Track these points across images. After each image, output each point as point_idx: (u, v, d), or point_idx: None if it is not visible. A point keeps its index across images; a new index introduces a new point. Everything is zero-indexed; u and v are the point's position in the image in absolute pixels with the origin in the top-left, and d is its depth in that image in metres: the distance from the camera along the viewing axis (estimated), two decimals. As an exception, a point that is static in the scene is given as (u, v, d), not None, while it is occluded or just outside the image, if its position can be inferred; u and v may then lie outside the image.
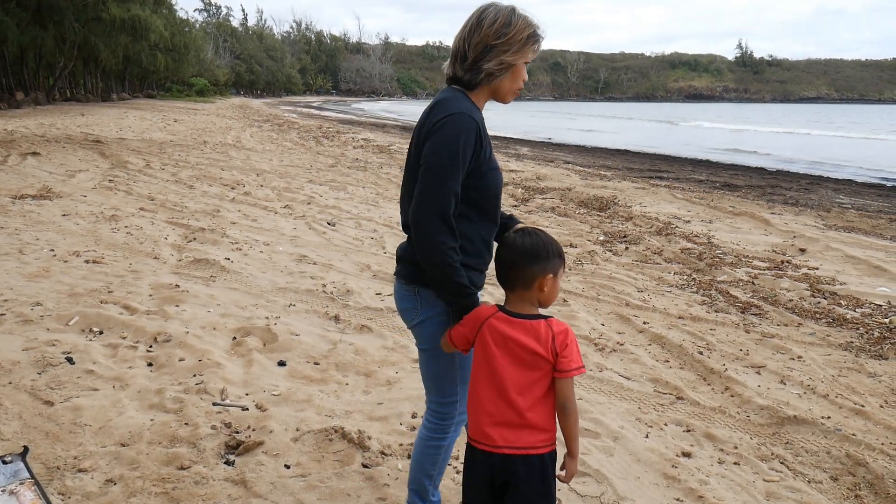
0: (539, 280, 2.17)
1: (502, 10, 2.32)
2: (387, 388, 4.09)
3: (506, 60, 2.32)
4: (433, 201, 2.18)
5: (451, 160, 2.19)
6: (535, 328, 2.15)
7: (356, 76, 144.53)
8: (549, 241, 2.21)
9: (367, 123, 37.99)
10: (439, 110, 2.26)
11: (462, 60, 2.34)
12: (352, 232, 8.52)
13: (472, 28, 2.32)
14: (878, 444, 3.72)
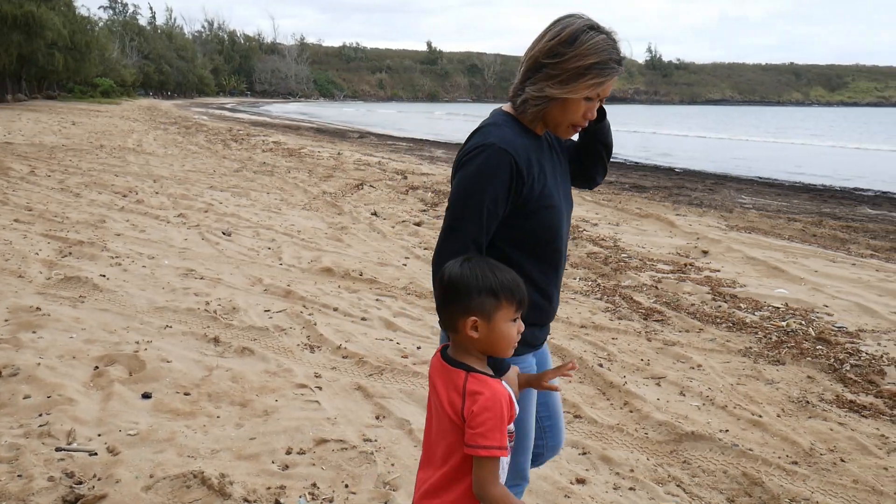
0: (460, 322, 1.75)
1: (574, 24, 1.90)
2: (262, 420, 3.73)
3: (548, 91, 1.91)
4: (446, 247, 1.91)
5: (471, 201, 1.89)
6: (455, 379, 1.76)
7: (271, 77, 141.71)
8: (480, 273, 1.75)
9: (279, 125, 37.09)
10: (472, 139, 1.98)
11: (518, 76, 2.01)
12: (248, 242, 8.07)
13: (538, 39, 1.95)
14: (775, 458, 3.61)
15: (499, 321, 1.75)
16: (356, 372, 4.47)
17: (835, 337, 5.47)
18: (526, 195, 1.94)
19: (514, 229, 1.98)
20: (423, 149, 25.19)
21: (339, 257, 7.45)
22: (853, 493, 3.32)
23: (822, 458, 3.64)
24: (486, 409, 1.68)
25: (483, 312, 1.73)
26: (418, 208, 10.97)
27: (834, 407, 4.28)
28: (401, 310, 5.77)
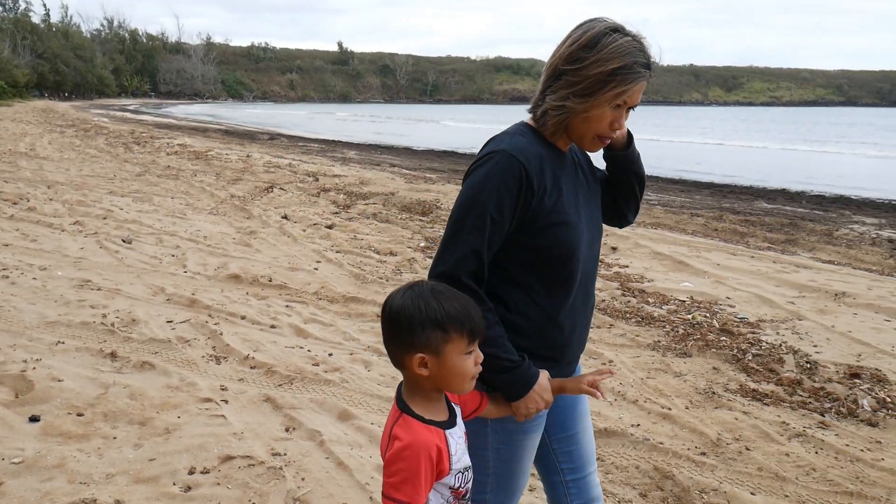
0: (406, 359, 1.59)
1: (596, 27, 1.74)
2: (163, 439, 3.52)
3: (569, 103, 1.74)
4: (444, 258, 1.74)
5: (474, 209, 1.73)
6: (390, 417, 1.62)
7: (177, 78, 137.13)
8: (424, 304, 1.57)
9: (186, 128, 35.87)
10: (485, 147, 1.82)
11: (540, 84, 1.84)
12: (150, 249, 7.71)
13: (559, 44, 1.79)
14: (685, 450, 3.68)
15: (449, 355, 1.58)
16: (265, 383, 4.31)
17: (737, 328, 5.66)
18: (535, 208, 1.76)
19: (523, 248, 1.79)
20: (335, 150, 24.87)
21: (247, 263, 7.21)
22: (758, 481, 3.41)
23: (728, 447, 3.73)
24: (400, 458, 1.53)
25: (430, 347, 1.56)
26: (330, 211, 10.78)
27: (738, 396, 4.41)
28: (312, 316, 5.62)
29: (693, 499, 3.24)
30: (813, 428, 3.99)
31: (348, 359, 4.74)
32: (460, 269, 1.72)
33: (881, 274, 7.89)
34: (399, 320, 1.58)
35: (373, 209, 10.95)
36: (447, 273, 1.73)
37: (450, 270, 1.72)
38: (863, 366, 4.89)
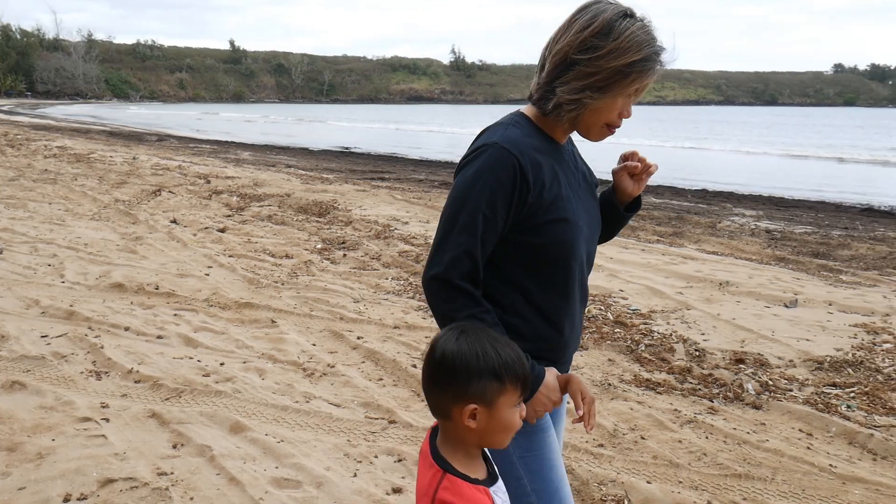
0: (455, 410, 1.47)
1: (606, 10, 1.64)
2: (35, 465, 3.25)
3: (587, 94, 1.65)
4: (436, 261, 1.67)
5: (466, 207, 1.65)
6: (431, 476, 1.49)
7: (56, 77, 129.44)
8: (481, 351, 1.46)
9: (66, 129, 33.86)
10: (477, 139, 1.74)
11: (540, 71, 1.73)
12: (24, 259, 7.18)
13: (562, 30, 1.68)
14: (583, 443, 3.72)
15: (502, 408, 1.47)
16: (150, 397, 4.06)
17: (630, 319, 5.81)
18: (533, 203, 1.67)
19: (521, 246, 1.71)
20: (228, 151, 24.09)
21: (132, 270, 6.83)
22: (654, 469, 3.49)
23: (624, 437, 3.80)
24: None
25: (484, 399, 1.45)
26: (223, 213, 10.40)
27: (633, 387, 4.51)
28: (202, 324, 5.36)
29: (592, 491, 3.27)
30: (703, 414, 4.13)
31: (241, 367, 4.54)
32: (454, 271, 1.65)
33: (760, 263, 8.33)
34: (454, 367, 1.45)
35: (267, 211, 10.64)
36: (440, 276, 1.66)
37: (443, 273, 1.65)
38: (746, 351, 5.12)
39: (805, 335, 5.55)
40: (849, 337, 5.52)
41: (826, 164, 27.92)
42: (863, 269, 8.22)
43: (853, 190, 18.82)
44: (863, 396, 4.38)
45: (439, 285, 1.66)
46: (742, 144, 37.23)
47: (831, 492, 3.33)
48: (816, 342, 5.39)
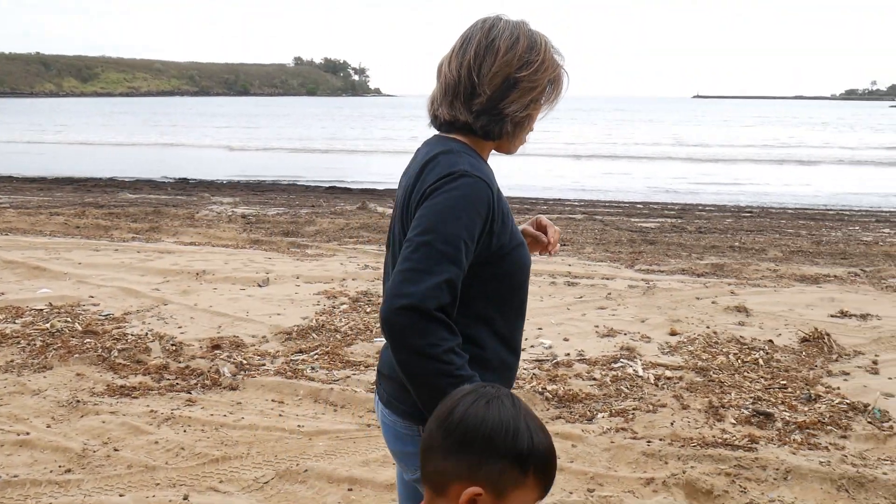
0: (454, 487, 1.15)
1: (520, 26, 1.62)
2: None
3: (531, 107, 1.64)
4: (411, 287, 1.43)
5: (445, 234, 1.47)
6: None
7: None
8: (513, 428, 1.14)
9: None
10: (437, 168, 1.56)
11: (468, 98, 1.60)
12: None
13: (482, 50, 1.58)
14: (46, 474, 3.33)
15: (512, 501, 1.16)
16: None
17: (102, 326, 5.43)
18: (500, 233, 1.59)
19: (486, 277, 1.60)
20: None
21: None
22: (128, 479, 3.32)
23: (95, 454, 3.53)
24: None
25: (496, 486, 1.14)
26: None
27: (106, 397, 4.22)
28: None
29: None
30: (181, 408, 4.09)
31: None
32: (431, 301, 1.44)
33: (236, 248, 8.63)
34: (474, 438, 1.14)
35: None
36: (414, 306, 1.42)
37: (418, 303, 1.43)
38: (223, 336, 5.24)
39: (276, 310, 5.93)
40: (313, 305, 6.09)
41: (297, 153, 30.40)
42: (325, 241, 9.19)
43: (323, 174, 20.92)
44: (325, 356, 4.88)
45: (411, 317, 1.43)
46: (220, 134, 38.15)
47: (300, 450, 3.62)
48: (286, 315, 5.81)
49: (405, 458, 1.68)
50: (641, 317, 5.88)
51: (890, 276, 7.67)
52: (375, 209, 12.31)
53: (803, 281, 7.31)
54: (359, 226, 10.40)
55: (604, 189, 17.68)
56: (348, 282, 6.88)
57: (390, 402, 1.67)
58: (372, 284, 6.77)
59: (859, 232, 11.11)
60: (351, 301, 6.20)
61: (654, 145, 32.62)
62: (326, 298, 6.28)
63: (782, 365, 4.83)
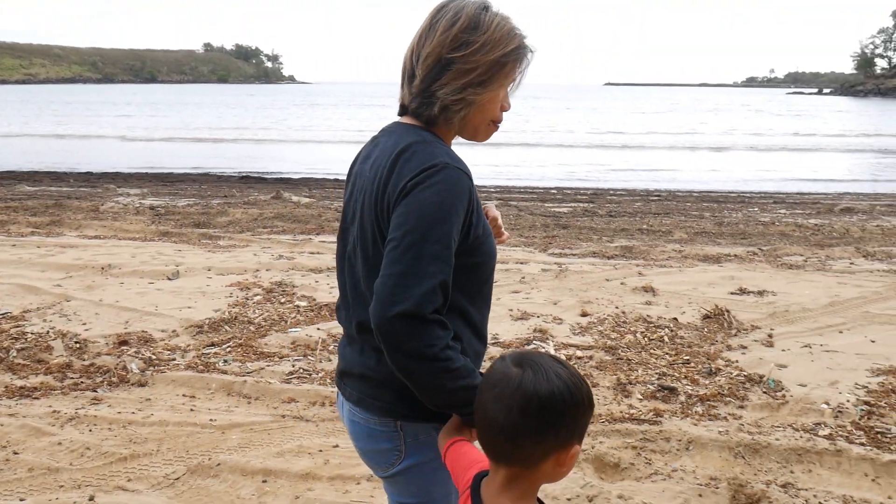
0: (555, 455, 1.26)
1: (467, 6, 1.54)
2: None
3: (469, 91, 1.54)
4: (406, 295, 1.40)
5: (434, 233, 1.43)
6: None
7: None
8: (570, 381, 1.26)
9: None
10: (414, 160, 1.50)
11: (410, 80, 1.58)
12: None
13: (424, 33, 1.56)
14: (-62, 482, 3.16)
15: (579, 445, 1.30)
16: None
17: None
18: (475, 223, 1.56)
19: (464, 270, 1.56)
20: None
21: None
22: (29, 483, 3.19)
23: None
24: None
25: (584, 432, 1.30)
26: None
27: (4, 399, 4.04)
28: None
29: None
30: (86, 407, 3.95)
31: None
32: (427, 306, 1.41)
33: (144, 240, 8.35)
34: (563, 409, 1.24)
35: None
36: (411, 312, 1.40)
37: (414, 309, 1.40)
38: (130, 331, 5.08)
39: (187, 303, 5.78)
40: (226, 297, 5.97)
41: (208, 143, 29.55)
42: (238, 232, 8.99)
43: (236, 164, 20.42)
44: (238, 349, 4.80)
45: (409, 324, 1.41)
46: (125, 123, 36.69)
47: (213, 444, 3.56)
48: (198, 308, 5.67)
49: (377, 456, 1.66)
50: (554, 299, 6.03)
51: (785, 253, 8.11)
52: (290, 198, 12.12)
53: (706, 260, 7.65)
54: (273, 216, 10.23)
55: (519, 175, 17.94)
56: (262, 272, 6.76)
57: (362, 400, 1.63)
58: (286, 275, 6.68)
59: (758, 213, 11.68)
60: (265, 292, 6.11)
61: (568, 133, 33.28)
62: (239, 290, 6.17)
63: (686, 341, 5.06)
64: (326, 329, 5.21)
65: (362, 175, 1.63)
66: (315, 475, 3.26)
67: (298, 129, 35.55)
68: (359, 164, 1.68)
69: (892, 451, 3.49)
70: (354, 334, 1.65)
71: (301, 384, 4.26)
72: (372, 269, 1.54)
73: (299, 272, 6.83)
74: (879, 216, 11.31)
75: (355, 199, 1.64)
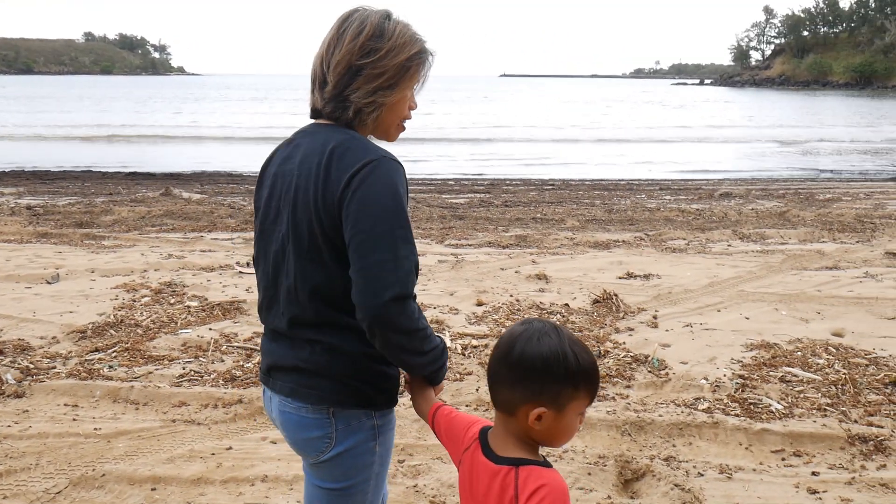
0: (522, 409, 1.44)
1: (371, 16, 1.69)
2: None
3: (379, 94, 1.68)
4: (393, 281, 1.55)
5: (398, 219, 1.59)
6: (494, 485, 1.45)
7: None
8: (561, 354, 1.42)
9: None
10: (349, 155, 1.62)
11: (321, 86, 1.70)
12: None
13: (332, 42, 1.69)
14: None
15: (569, 413, 1.46)
16: None
17: None
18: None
19: None
20: None
21: None
22: None
23: None
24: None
25: (555, 403, 1.44)
26: None
27: None
28: None
29: None
30: (-45, 423, 3.69)
31: None
32: (411, 286, 1.59)
33: (21, 242, 7.87)
34: (533, 368, 1.43)
35: None
36: (402, 295, 1.56)
37: (403, 291, 1.56)
38: (5, 340, 4.79)
39: (69, 308, 5.50)
40: (111, 300, 5.71)
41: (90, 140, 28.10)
42: (124, 231, 8.62)
43: (122, 160, 19.51)
44: (124, 353, 4.61)
45: (400, 305, 1.56)
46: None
47: (98, 454, 3.41)
48: (80, 312, 5.41)
49: (308, 444, 1.74)
50: (450, 290, 6.10)
51: (669, 238, 8.51)
52: (181, 195, 11.71)
53: (596, 247, 7.93)
54: (162, 213, 9.86)
55: (418, 168, 18.00)
56: (150, 273, 6.51)
57: (295, 391, 1.71)
58: (176, 274, 6.46)
59: (645, 200, 12.19)
60: (153, 293, 5.88)
61: (463, 129, 33.57)
62: (126, 292, 5.92)
63: (577, 326, 5.23)
64: (219, 329, 5.08)
65: (285, 175, 1.72)
66: (207, 479, 3.18)
67: (189, 124, 34.24)
68: (277, 166, 1.76)
69: (763, 420, 3.75)
70: (285, 329, 1.72)
71: (192, 387, 4.14)
72: (306, 263, 1.66)
73: (190, 271, 6.62)
74: (754, 200, 12.03)
75: (278, 199, 1.72)
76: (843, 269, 6.91)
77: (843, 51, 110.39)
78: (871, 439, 3.54)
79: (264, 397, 1.85)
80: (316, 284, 1.65)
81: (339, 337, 1.67)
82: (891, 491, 3.14)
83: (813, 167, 19.35)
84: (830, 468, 3.34)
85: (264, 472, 3.24)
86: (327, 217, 1.61)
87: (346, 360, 1.68)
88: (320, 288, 1.66)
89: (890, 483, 3.18)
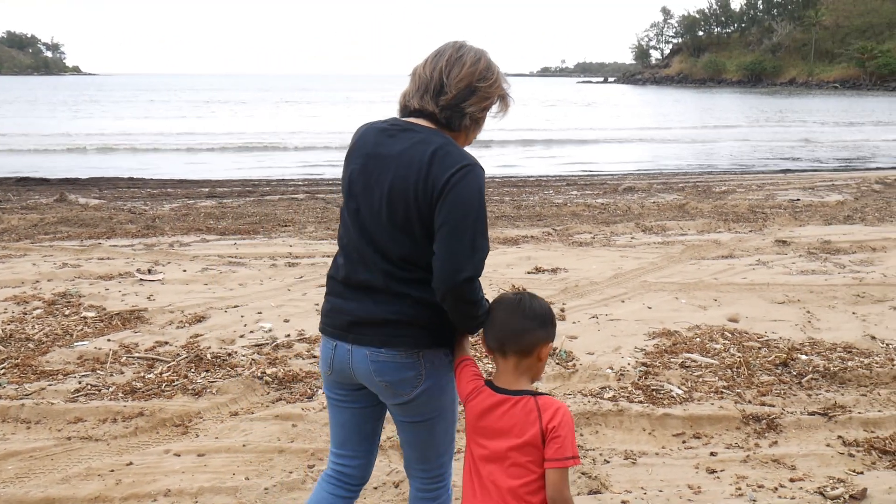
0: (542, 348, 2.01)
1: (481, 52, 2.13)
2: None
3: (483, 112, 2.15)
4: (470, 261, 1.95)
5: (480, 217, 1.98)
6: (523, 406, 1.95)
7: None
8: (547, 305, 2.08)
9: None
10: (448, 159, 2.00)
11: (437, 94, 2.07)
12: None
13: (451, 61, 2.08)
14: None
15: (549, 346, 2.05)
16: None
17: None
18: None
19: None
20: None
21: None
22: None
23: None
24: (565, 424, 1.90)
25: (553, 339, 2.05)
26: None
27: None
28: None
29: None
30: None
31: None
32: (480, 270, 1.97)
33: None
34: (546, 316, 2.02)
35: None
36: (474, 277, 1.95)
37: (474, 274, 1.95)
38: None
39: (-49, 324, 5.14)
40: (0, 313, 5.39)
41: (-25, 137, 26.41)
42: (14, 240, 8.14)
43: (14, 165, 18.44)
44: (14, 369, 4.35)
45: (471, 284, 1.95)
46: None
47: (-16, 478, 3.20)
48: (-36, 328, 5.06)
49: (402, 385, 2.08)
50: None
51: (576, 232, 8.72)
52: (77, 200, 11.17)
53: (506, 243, 8.04)
54: (56, 220, 9.38)
55: (327, 169, 17.78)
56: (43, 283, 6.17)
57: (388, 341, 2.05)
58: (72, 284, 6.15)
59: (553, 196, 12.45)
60: (46, 305, 5.58)
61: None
62: (15, 304, 5.58)
63: (487, 321, 5.28)
64: (118, 339, 4.87)
65: (379, 158, 2.05)
66: (106, 497, 3.04)
67: (88, 129, 32.62)
68: (371, 147, 2.07)
69: (664, 406, 3.88)
70: (380, 284, 2.04)
71: (89, 401, 3.95)
72: (398, 233, 2.01)
73: (87, 280, 6.32)
74: (656, 193, 12.48)
75: (369, 175, 2.06)
76: (738, 258, 7.25)
77: (735, 50, 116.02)
78: (763, 418, 3.72)
79: (332, 351, 2.13)
80: (406, 250, 2.01)
81: (424, 291, 2.02)
82: (782, 466, 3.31)
83: (710, 162, 20.24)
84: (727, 448, 3.49)
85: (167, 487, 3.12)
86: (425, 203, 1.97)
87: (430, 310, 2.03)
88: (410, 254, 2.01)
89: (781, 458, 3.36)
